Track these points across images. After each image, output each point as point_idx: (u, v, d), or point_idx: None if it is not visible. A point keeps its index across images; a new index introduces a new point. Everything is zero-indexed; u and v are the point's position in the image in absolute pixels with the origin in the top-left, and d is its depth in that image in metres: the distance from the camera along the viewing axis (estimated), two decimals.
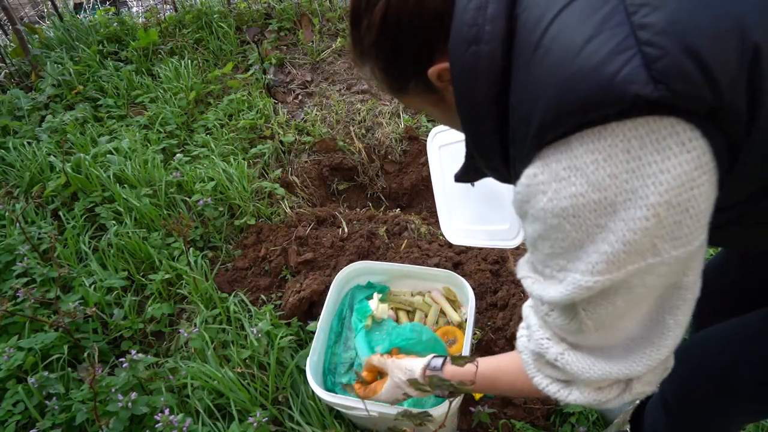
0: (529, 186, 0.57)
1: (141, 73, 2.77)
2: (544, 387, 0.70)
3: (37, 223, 1.94)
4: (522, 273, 0.67)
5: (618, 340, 0.62)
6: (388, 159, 2.44)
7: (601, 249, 0.53)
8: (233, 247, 1.92)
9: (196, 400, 1.37)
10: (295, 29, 3.11)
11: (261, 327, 1.48)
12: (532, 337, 0.69)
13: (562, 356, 0.65)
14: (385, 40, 0.65)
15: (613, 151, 0.50)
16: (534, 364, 0.71)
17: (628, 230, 0.51)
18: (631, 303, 0.57)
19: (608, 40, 0.48)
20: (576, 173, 0.52)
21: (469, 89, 0.61)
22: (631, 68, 0.47)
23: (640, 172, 0.50)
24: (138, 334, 1.64)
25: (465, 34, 0.58)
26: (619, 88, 0.47)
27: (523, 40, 0.55)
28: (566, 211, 0.54)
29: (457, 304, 1.48)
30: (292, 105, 2.67)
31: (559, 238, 0.56)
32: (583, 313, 0.59)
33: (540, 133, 0.54)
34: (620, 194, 0.51)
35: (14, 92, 2.59)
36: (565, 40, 0.51)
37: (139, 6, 3.73)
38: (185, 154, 2.24)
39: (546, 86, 0.52)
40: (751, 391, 0.81)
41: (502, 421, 1.36)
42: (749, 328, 0.82)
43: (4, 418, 1.34)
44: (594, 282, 0.54)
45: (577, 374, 0.65)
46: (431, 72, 0.65)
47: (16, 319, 1.57)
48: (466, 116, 0.64)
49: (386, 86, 0.73)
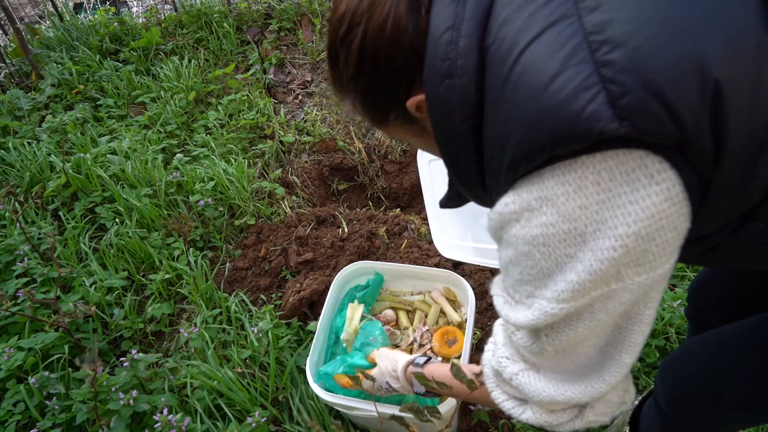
0: (501, 214, 0.58)
1: (141, 73, 2.77)
2: (500, 402, 0.72)
3: (38, 223, 1.94)
4: (495, 291, 0.69)
5: (574, 366, 0.64)
6: (388, 159, 2.44)
7: (568, 278, 0.54)
8: (233, 247, 1.92)
9: (196, 400, 1.37)
10: (295, 29, 3.11)
11: (261, 327, 1.48)
12: (496, 353, 0.71)
13: (516, 376, 0.67)
14: (363, 74, 0.66)
15: (583, 183, 0.51)
16: (494, 379, 0.73)
17: (596, 260, 0.52)
18: (592, 329, 0.58)
19: (573, 77, 0.49)
20: (547, 204, 0.53)
21: (445, 122, 0.62)
22: (596, 105, 0.48)
23: (610, 203, 0.51)
24: (138, 334, 1.64)
25: (438, 68, 0.59)
26: (586, 125, 0.48)
27: (493, 75, 0.56)
28: (536, 240, 0.55)
29: (457, 304, 1.48)
30: (292, 105, 2.67)
31: (529, 266, 0.57)
32: (545, 338, 0.61)
33: (513, 167, 0.55)
34: (590, 225, 0.52)
35: (14, 92, 2.59)
36: (532, 76, 0.51)
37: (139, 6, 3.73)
38: (185, 154, 2.24)
39: (516, 122, 0.53)
40: (743, 400, 0.81)
41: (502, 421, 1.36)
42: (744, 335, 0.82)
43: (5, 418, 1.34)
44: (559, 309, 0.56)
45: (528, 395, 0.67)
46: (410, 104, 0.66)
47: (16, 319, 1.57)
48: (445, 147, 0.66)
49: (368, 118, 0.74)
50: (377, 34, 0.62)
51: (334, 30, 0.66)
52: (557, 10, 0.52)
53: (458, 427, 1.38)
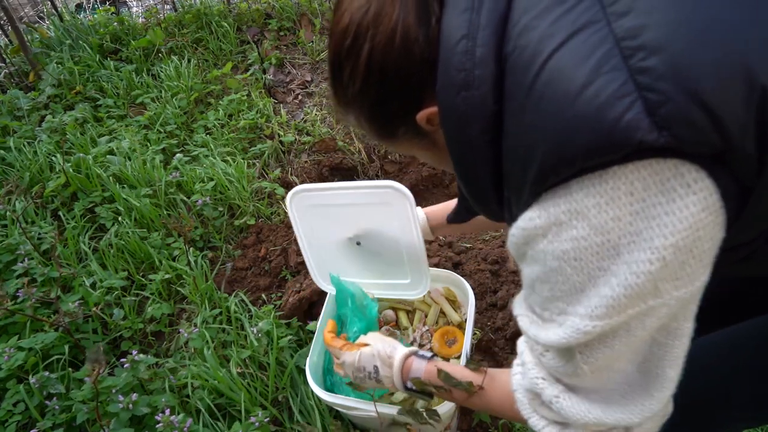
0: (525, 229, 0.56)
1: (141, 72, 2.77)
2: (541, 429, 0.67)
3: (38, 223, 1.94)
4: (518, 311, 0.66)
5: (613, 384, 0.61)
6: (388, 159, 2.44)
7: (602, 293, 0.52)
8: (233, 247, 1.92)
9: (197, 400, 1.37)
10: (294, 29, 3.11)
11: (261, 327, 1.48)
12: (527, 374, 0.67)
13: (557, 399, 0.63)
14: (371, 88, 0.63)
15: (616, 194, 0.49)
16: (529, 404, 0.68)
17: (631, 273, 0.50)
18: (629, 346, 0.56)
19: (607, 85, 0.47)
20: (577, 217, 0.51)
21: (461, 135, 0.59)
22: (633, 114, 0.45)
23: (645, 214, 0.49)
24: (138, 334, 1.64)
25: (453, 80, 0.57)
26: (623, 134, 0.46)
27: (514, 84, 0.54)
28: (567, 254, 0.53)
29: (457, 304, 1.48)
30: (292, 105, 2.67)
31: (560, 281, 0.55)
32: (579, 357, 0.58)
33: (539, 179, 0.52)
34: (623, 237, 0.50)
35: (14, 92, 2.59)
36: (561, 85, 0.49)
37: (139, 6, 3.73)
38: (185, 154, 2.24)
39: (542, 132, 0.51)
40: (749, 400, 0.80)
41: (502, 421, 1.37)
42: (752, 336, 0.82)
43: (5, 418, 1.34)
44: (593, 326, 0.53)
45: (572, 419, 0.63)
46: (420, 117, 0.64)
47: (16, 318, 1.57)
48: (459, 161, 0.63)
49: (374, 134, 0.71)
50: (386, 46, 0.59)
51: (337, 42, 0.63)
52: (582, 16, 0.50)
53: (458, 427, 1.39)
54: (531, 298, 0.62)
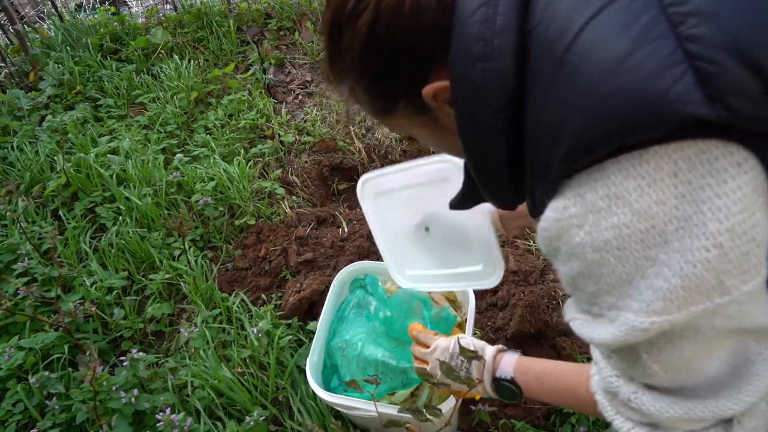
0: (559, 220, 0.50)
1: (141, 72, 2.77)
2: (628, 431, 0.61)
3: (38, 222, 1.94)
4: (569, 315, 0.60)
5: (696, 382, 0.54)
6: (388, 159, 2.44)
7: (655, 285, 0.47)
8: (233, 247, 1.92)
9: (197, 400, 1.37)
10: (294, 29, 3.11)
11: (261, 327, 1.48)
12: (601, 374, 0.62)
13: (635, 395, 0.57)
14: (373, 57, 0.58)
15: (658, 175, 0.45)
16: (610, 406, 0.63)
17: (686, 263, 0.45)
18: (701, 346, 0.50)
19: (652, 54, 0.43)
20: (617, 202, 0.46)
21: (475, 112, 0.54)
22: (683, 86, 0.42)
23: (692, 197, 0.44)
24: (138, 334, 1.64)
25: (470, 50, 0.52)
26: (672, 107, 0.42)
27: (542, 57, 0.49)
28: (609, 244, 0.48)
29: (458, 304, 1.48)
30: (292, 105, 2.68)
31: (604, 274, 0.49)
32: (645, 356, 0.52)
33: (569, 160, 0.48)
34: (670, 222, 0.45)
35: (14, 92, 2.59)
36: (599, 55, 0.45)
37: (139, 6, 3.73)
38: (185, 154, 2.24)
39: (576, 108, 0.46)
40: None
41: (502, 420, 1.36)
42: None
43: (5, 418, 1.34)
44: (650, 323, 0.47)
45: (655, 415, 0.56)
46: (426, 91, 0.58)
47: (16, 318, 1.57)
48: (471, 140, 0.58)
49: (368, 107, 0.65)
50: (393, 10, 0.54)
51: (338, 4, 0.58)
52: None
53: (458, 427, 1.38)
54: (576, 297, 0.57)
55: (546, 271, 1.70)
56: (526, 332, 1.50)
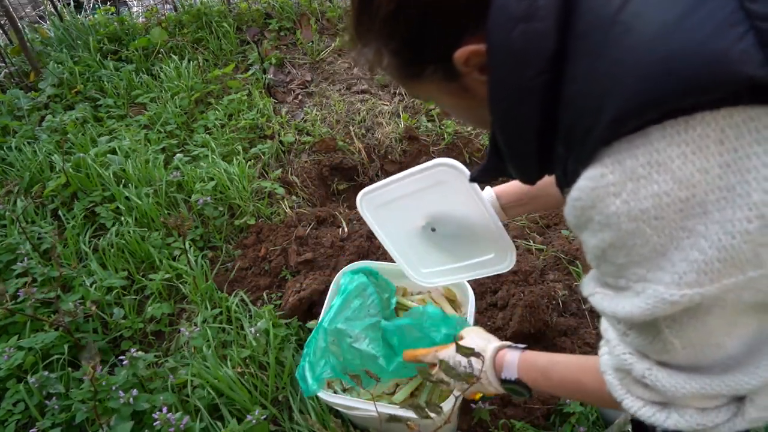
0: (595, 189, 0.48)
1: (141, 72, 2.77)
2: (636, 410, 0.60)
3: (38, 222, 1.94)
4: (588, 290, 0.59)
5: (713, 359, 0.53)
6: (388, 159, 2.44)
7: (690, 257, 0.45)
8: (233, 247, 1.92)
9: (196, 399, 1.37)
10: (294, 29, 3.11)
11: (260, 326, 1.48)
12: (613, 352, 0.61)
13: (650, 371, 0.56)
14: (407, 14, 0.55)
15: (704, 142, 0.43)
16: (620, 384, 0.62)
17: (725, 233, 0.43)
18: (725, 320, 0.49)
19: (711, 14, 0.42)
20: (658, 169, 0.45)
21: (514, 76, 0.52)
22: (744, 46, 0.40)
23: (737, 166, 0.43)
24: (138, 334, 1.64)
25: (512, 10, 0.49)
26: (732, 67, 0.40)
27: (589, 19, 0.48)
28: (647, 213, 0.46)
29: (457, 304, 1.48)
30: (292, 105, 2.68)
31: (638, 245, 0.48)
32: (667, 331, 0.51)
33: (615, 126, 0.46)
34: (712, 192, 0.44)
35: (14, 92, 2.59)
36: (653, 15, 0.44)
37: (139, 6, 3.73)
38: (185, 154, 2.24)
39: (629, 68, 0.45)
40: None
41: (502, 420, 1.36)
42: None
43: (5, 418, 1.34)
44: (681, 296, 0.46)
45: (670, 391, 0.55)
46: (459, 55, 0.55)
47: (16, 318, 1.57)
48: (505, 108, 0.55)
49: (394, 71, 0.62)
50: None
51: None
52: None
53: (458, 426, 1.38)
54: (602, 269, 0.55)
55: (546, 271, 1.70)
56: (526, 332, 1.50)
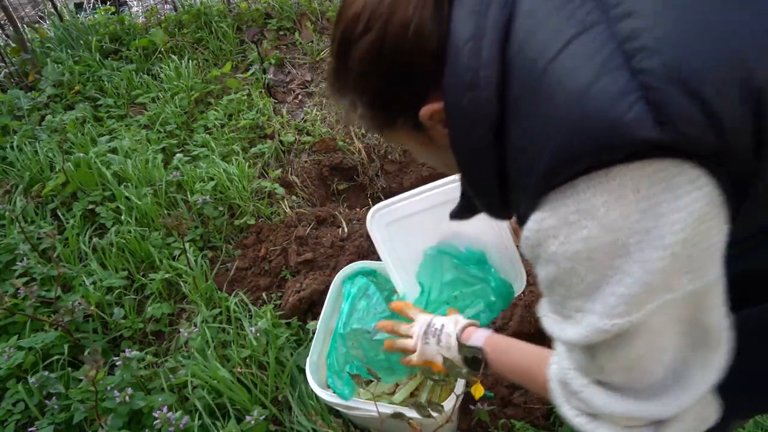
0: (538, 231, 0.56)
1: (141, 72, 2.77)
2: (572, 418, 0.67)
3: (37, 222, 1.94)
4: (542, 312, 0.66)
5: (644, 384, 0.60)
6: (388, 159, 2.44)
7: (617, 291, 0.52)
8: (233, 247, 1.92)
9: (196, 399, 1.37)
10: (294, 29, 3.11)
11: (260, 326, 1.48)
12: (560, 365, 0.68)
13: (586, 388, 0.63)
14: (377, 75, 0.64)
15: (623, 191, 0.50)
16: (561, 394, 0.69)
17: (645, 272, 0.51)
18: (652, 343, 0.56)
19: (611, 83, 0.48)
20: (586, 216, 0.52)
21: (466, 135, 0.60)
22: (635, 113, 0.47)
23: (652, 212, 0.50)
24: (138, 334, 1.64)
25: (461, 79, 0.58)
26: (626, 131, 0.47)
27: (520, 86, 0.55)
28: (579, 254, 0.53)
29: None
30: (292, 105, 2.68)
31: (574, 282, 0.55)
32: (600, 355, 0.58)
33: (547, 179, 0.53)
34: (632, 236, 0.51)
35: (14, 92, 2.59)
36: (568, 84, 0.51)
37: (139, 6, 3.73)
38: (185, 153, 2.24)
39: (552, 131, 0.52)
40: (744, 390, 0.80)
41: (502, 420, 1.37)
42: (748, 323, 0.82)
43: (4, 418, 1.34)
44: (612, 325, 0.54)
45: (599, 408, 0.62)
46: (424, 112, 0.64)
47: (16, 318, 1.57)
48: (463, 160, 0.64)
49: (370, 122, 0.71)
50: (398, 35, 0.60)
51: (347, 26, 0.63)
52: (585, 19, 0.52)
53: (458, 427, 1.39)
54: (550, 298, 0.63)
55: None
56: (526, 332, 1.50)
